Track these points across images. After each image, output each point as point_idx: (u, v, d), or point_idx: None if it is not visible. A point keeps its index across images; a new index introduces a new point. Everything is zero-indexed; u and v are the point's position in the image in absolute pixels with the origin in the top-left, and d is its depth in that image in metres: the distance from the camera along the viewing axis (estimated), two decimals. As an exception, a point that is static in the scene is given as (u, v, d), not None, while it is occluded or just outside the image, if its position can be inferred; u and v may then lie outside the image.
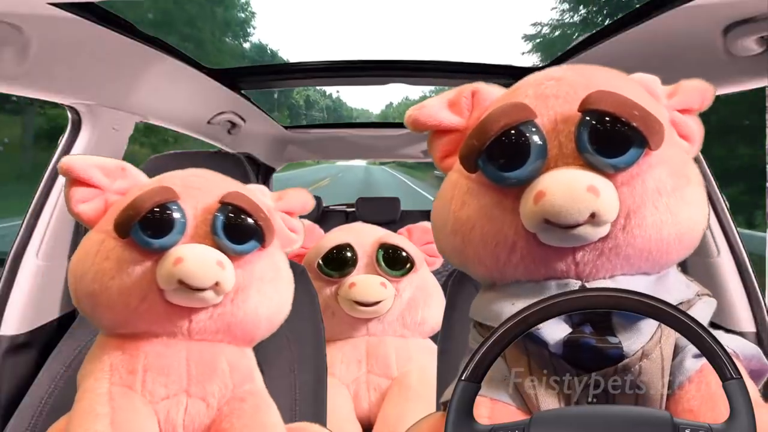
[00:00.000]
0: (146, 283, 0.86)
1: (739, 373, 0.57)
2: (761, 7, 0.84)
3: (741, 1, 0.84)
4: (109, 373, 0.88)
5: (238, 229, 0.89)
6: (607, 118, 0.65)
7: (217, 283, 0.86)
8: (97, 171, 0.92)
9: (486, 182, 0.71)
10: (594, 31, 1.25)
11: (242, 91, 1.87)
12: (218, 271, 0.85)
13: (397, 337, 1.59)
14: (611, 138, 0.66)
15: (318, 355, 1.17)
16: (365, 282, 1.53)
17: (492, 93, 0.80)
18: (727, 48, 0.94)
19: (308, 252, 1.62)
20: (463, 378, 0.62)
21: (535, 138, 0.68)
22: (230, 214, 0.89)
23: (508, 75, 1.63)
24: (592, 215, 0.65)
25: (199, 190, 0.92)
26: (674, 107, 0.77)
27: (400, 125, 2.70)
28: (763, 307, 1.27)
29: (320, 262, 1.56)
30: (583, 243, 0.68)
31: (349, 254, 1.57)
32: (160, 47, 1.26)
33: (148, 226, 0.85)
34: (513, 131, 0.67)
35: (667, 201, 0.69)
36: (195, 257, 0.85)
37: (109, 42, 1.10)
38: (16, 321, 1.22)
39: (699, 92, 0.78)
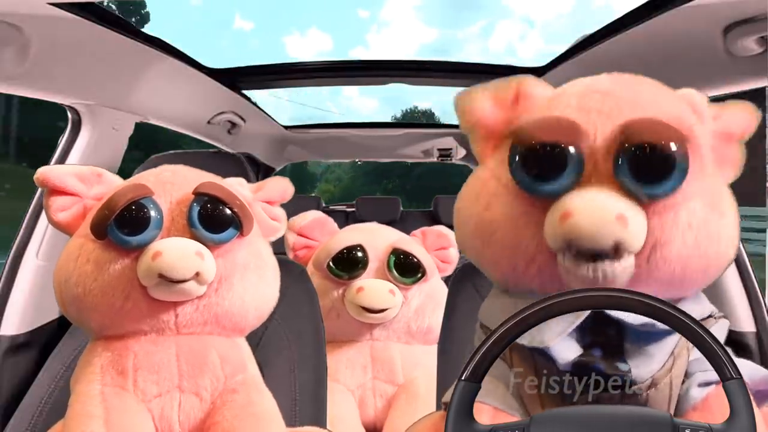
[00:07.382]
0: (128, 282, 0.87)
1: (739, 373, 0.57)
2: (761, 7, 0.84)
3: (741, 1, 0.84)
4: (100, 375, 0.89)
5: (215, 219, 0.89)
6: (649, 147, 0.64)
7: (197, 274, 0.86)
8: (73, 178, 0.92)
9: (515, 188, 0.70)
10: (594, 31, 1.25)
11: (242, 91, 1.87)
12: (197, 261, 0.86)
13: (401, 343, 1.57)
14: (651, 167, 0.64)
15: (318, 355, 1.17)
16: (373, 288, 1.50)
17: (537, 91, 0.77)
18: (727, 48, 0.94)
19: (319, 249, 1.59)
20: (463, 378, 0.62)
21: (572, 154, 0.66)
22: (205, 204, 0.89)
23: (510, 75, 1.62)
24: (616, 244, 0.63)
25: (172, 184, 0.92)
26: (716, 131, 0.74)
27: (400, 125, 2.70)
28: (763, 307, 1.26)
29: (330, 263, 1.52)
30: (602, 276, 0.66)
31: (360, 255, 1.54)
32: (160, 47, 1.26)
33: (124, 224, 0.86)
34: (550, 144, 0.66)
35: (697, 235, 0.67)
36: (173, 250, 0.85)
37: (109, 42, 1.10)
38: (16, 321, 1.22)
39: (742, 119, 0.75)
